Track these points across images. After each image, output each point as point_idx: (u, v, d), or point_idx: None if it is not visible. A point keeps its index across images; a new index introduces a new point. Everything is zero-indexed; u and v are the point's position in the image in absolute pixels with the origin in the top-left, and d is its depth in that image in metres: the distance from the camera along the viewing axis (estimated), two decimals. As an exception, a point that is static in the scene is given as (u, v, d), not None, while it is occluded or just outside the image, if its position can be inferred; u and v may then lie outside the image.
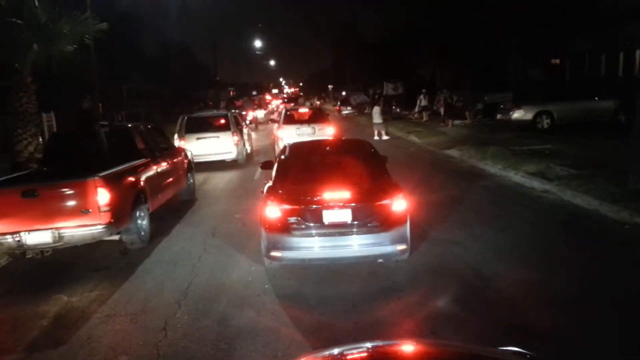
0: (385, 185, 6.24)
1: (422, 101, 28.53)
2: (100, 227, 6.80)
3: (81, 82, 19.92)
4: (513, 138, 16.87)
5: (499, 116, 20.31)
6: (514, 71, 31.21)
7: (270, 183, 6.51)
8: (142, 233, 7.78)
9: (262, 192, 6.53)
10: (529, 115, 18.70)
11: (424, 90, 28.87)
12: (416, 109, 29.55)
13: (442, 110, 25.36)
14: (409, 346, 2.41)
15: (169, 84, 51.23)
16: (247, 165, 15.79)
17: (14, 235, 6.69)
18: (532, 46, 28.96)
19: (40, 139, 17.62)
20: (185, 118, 16.09)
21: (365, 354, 2.21)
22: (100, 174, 6.89)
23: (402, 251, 5.96)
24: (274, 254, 5.91)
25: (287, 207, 5.83)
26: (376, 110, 21.28)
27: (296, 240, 5.81)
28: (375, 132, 21.00)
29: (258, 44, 65.14)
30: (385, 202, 5.90)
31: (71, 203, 6.79)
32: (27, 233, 6.70)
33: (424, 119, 27.63)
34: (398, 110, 33.37)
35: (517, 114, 18.94)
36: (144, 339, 4.92)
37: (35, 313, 5.72)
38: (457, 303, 5.35)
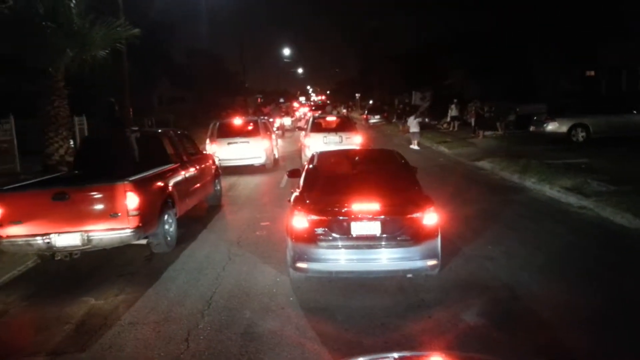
0: (416, 197, 6.07)
1: (453, 111, 28.09)
2: (129, 231, 6.81)
3: (114, 87, 20.21)
4: (546, 151, 16.39)
5: (532, 128, 19.79)
6: (546, 82, 30.55)
7: (297, 192, 6.40)
8: (169, 238, 7.77)
9: (289, 201, 6.43)
10: (563, 128, 18.18)
11: (455, 100, 28.46)
12: (447, 119, 29.12)
13: (472, 120, 24.91)
14: (437, 358, 2.38)
15: (197, 90, 51.82)
16: (274, 171, 16.24)
17: (44, 237, 6.72)
18: (565, 57, 28.32)
19: (72, 142, 18.03)
20: (217, 123, 16.71)
21: None
22: (129, 179, 6.90)
23: (433, 266, 5.78)
24: (299, 265, 5.79)
25: (314, 217, 5.71)
26: (412, 119, 22.26)
27: (323, 252, 5.68)
28: (414, 142, 21.50)
29: (286, 51, 65.62)
30: (415, 215, 5.73)
31: (100, 206, 6.82)
32: (56, 235, 6.73)
33: (453, 129, 27.20)
34: (427, 120, 32.95)
35: (551, 126, 18.43)
36: (166, 349, 4.80)
37: (60, 315, 5.69)
38: (490, 322, 5.09)
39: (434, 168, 15.41)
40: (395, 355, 2.22)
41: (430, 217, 5.73)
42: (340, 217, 5.69)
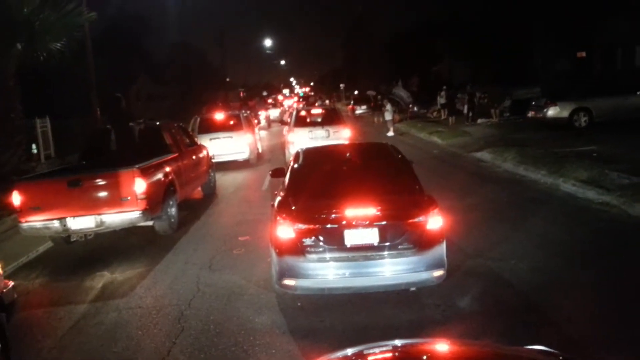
0: (417, 198, 5.24)
1: (442, 98, 26.91)
2: (138, 213, 7.42)
3: (84, 85, 18.64)
4: (549, 138, 15.25)
5: (530, 113, 18.63)
6: (539, 65, 29.45)
7: (281, 196, 5.49)
8: (172, 220, 8.49)
9: (273, 205, 5.49)
10: (564, 113, 17.02)
11: (444, 87, 27.29)
12: (437, 107, 27.97)
13: (465, 107, 23.73)
14: (436, 345, 2.34)
15: (178, 86, 50.17)
16: (258, 165, 16.02)
17: (61, 221, 7.30)
18: (557, 37, 27.19)
19: (34, 147, 16.51)
20: (198, 119, 16.23)
21: (391, 353, 2.20)
22: (137, 165, 7.53)
23: (439, 277, 4.99)
24: (286, 282, 4.97)
25: (301, 226, 4.90)
26: (387, 109, 23.54)
27: (312, 266, 4.87)
28: (391, 129, 22.76)
29: (268, 43, 63.90)
30: (418, 219, 4.93)
31: (112, 191, 7.38)
32: (72, 218, 7.32)
33: (443, 117, 26.05)
34: (415, 108, 31.76)
35: (552, 111, 17.25)
36: None
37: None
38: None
39: (429, 161, 14.21)
40: (398, 342, 2.21)
41: (434, 221, 4.96)
42: (332, 225, 4.91)
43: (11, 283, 4.68)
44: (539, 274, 5.79)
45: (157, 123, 10.78)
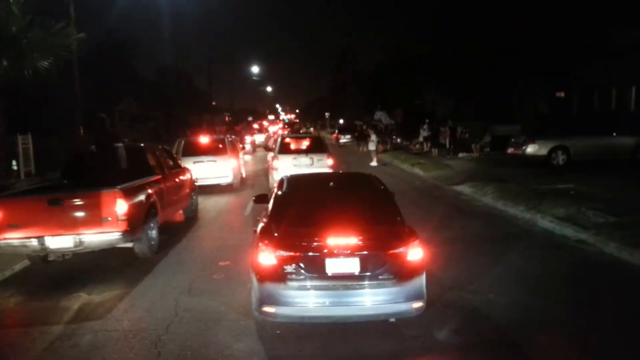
0: (398, 229, 5.31)
1: (425, 131, 27.33)
2: (118, 234, 7.35)
3: (69, 103, 18.50)
4: (528, 174, 15.56)
5: (510, 150, 19.02)
6: (520, 103, 30.24)
7: (264, 222, 5.57)
8: (152, 243, 8.43)
9: (255, 231, 5.54)
10: (543, 150, 17.42)
11: (427, 120, 27.74)
12: (420, 139, 28.37)
13: (446, 141, 24.15)
14: None
15: (164, 108, 50.12)
16: (241, 190, 15.90)
17: (39, 239, 7.18)
18: (538, 78, 28.03)
19: (15, 164, 16.27)
20: (183, 141, 16.17)
21: None
22: (119, 186, 7.48)
23: (418, 309, 5.04)
24: (266, 309, 4.96)
25: (283, 253, 4.92)
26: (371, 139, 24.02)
27: (293, 294, 4.88)
28: (374, 159, 22.92)
29: (255, 70, 64.33)
30: (399, 250, 4.99)
31: (92, 211, 7.31)
32: (50, 237, 7.21)
33: (427, 151, 26.44)
34: (399, 140, 32.17)
35: (530, 149, 17.65)
36: None
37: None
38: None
39: (411, 193, 14.37)
40: None
41: (415, 253, 5.02)
42: (314, 253, 4.93)
43: None
44: (516, 308, 5.87)
45: (141, 145, 10.65)
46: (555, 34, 24.95)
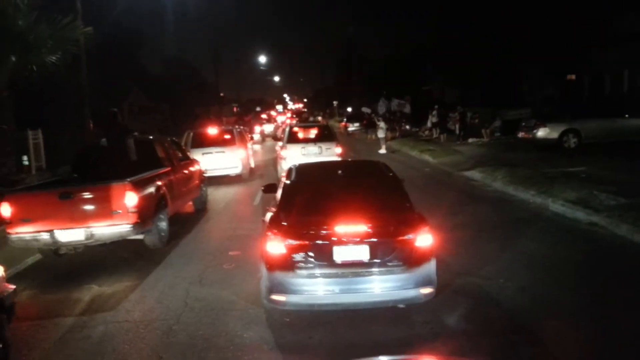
0: (408, 216, 5.29)
1: (434, 117, 27.14)
2: (129, 226, 7.40)
3: (78, 97, 18.57)
4: (539, 158, 15.41)
5: (521, 134, 18.83)
6: (530, 87, 29.85)
7: (273, 211, 5.60)
8: (163, 234, 8.47)
9: (264, 220, 5.57)
10: (554, 134, 17.22)
11: (436, 107, 27.54)
12: (428, 126, 28.20)
13: (456, 127, 23.97)
14: None
15: (171, 100, 50.24)
16: (250, 180, 15.91)
17: (50, 233, 7.25)
18: (548, 63, 27.62)
19: (26, 159, 16.42)
20: (192, 133, 16.21)
21: None
22: (129, 179, 7.53)
23: (427, 295, 5.03)
24: (275, 297, 4.98)
25: (292, 242, 4.93)
26: (380, 126, 23.97)
27: (302, 282, 4.90)
28: (383, 147, 22.83)
29: (262, 59, 64.20)
30: (408, 237, 4.97)
31: (102, 204, 7.38)
32: (62, 231, 7.28)
33: (436, 137, 26.28)
34: (408, 127, 31.98)
35: (541, 132, 17.46)
36: None
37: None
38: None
39: (420, 179, 14.31)
40: (384, 359, 2.17)
41: (424, 239, 4.99)
42: (322, 241, 4.94)
43: (12, 286, 4.70)
44: (526, 293, 5.83)
45: (150, 137, 10.66)
46: (565, 18, 24.53)
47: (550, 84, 28.74)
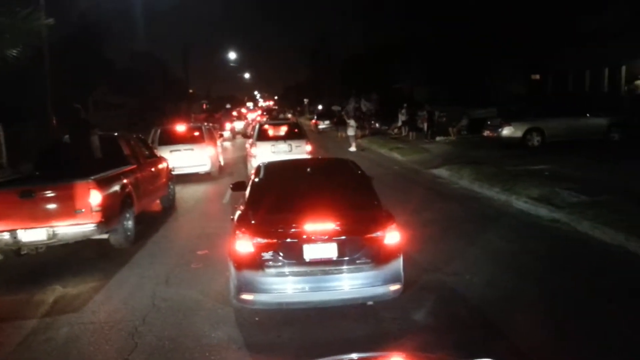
0: (376, 213, 5.32)
1: (404, 116, 27.42)
2: (92, 225, 7.26)
3: (40, 92, 17.94)
4: (504, 156, 15.76)
5: (486, 133, 19.23)
6: (494, 86, 30.45)
7: (241, 209, 5.47)
8: (129, 233, 8.31)
9: (232, 219, 5.48)
10: (518, 133, 17.63)
11: (405, 105, 27.81)
12: (398, 124, 28.48)
13: (425, 125, 24.29)
14: (393, 358, 2.39)
15: (140, 96, 49.29)
16: (220, 178, 15.67)
17: (11, 233, 7.05)
18: (512, 61, 28.24)
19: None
20: (159, 130, 15.89)
21: None
22: (93, 177, 7.37)
23: (395, 291, 5.10)
24: (244, 296, 4.96)
25: (260, 240, 4.92)
26: (349, 125, 23.85)
27: (271, 281, 4.88)
28: (352, 145, 22.75)
29: (233, 56, 63.44)
30: (376, 234, 5.03)
31: (65, 203, 7.22)
32: (23, 231, 7.08)
33: (405, 135, 26.56)
34: (377, 125, 32.21)
35: (506, 131, 17.86)
36: None
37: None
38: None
39: (389, 177, 14.44)
40: (354, 356, 2.18)
41: (392, 236, 5.07)
42: (291, 239, 4.95)
43: None
44: (491, 288, 5.96)
45: (115, 134, 10.46)
46: (528, 18, 25.11)
47: (516, 83, 29.38)
